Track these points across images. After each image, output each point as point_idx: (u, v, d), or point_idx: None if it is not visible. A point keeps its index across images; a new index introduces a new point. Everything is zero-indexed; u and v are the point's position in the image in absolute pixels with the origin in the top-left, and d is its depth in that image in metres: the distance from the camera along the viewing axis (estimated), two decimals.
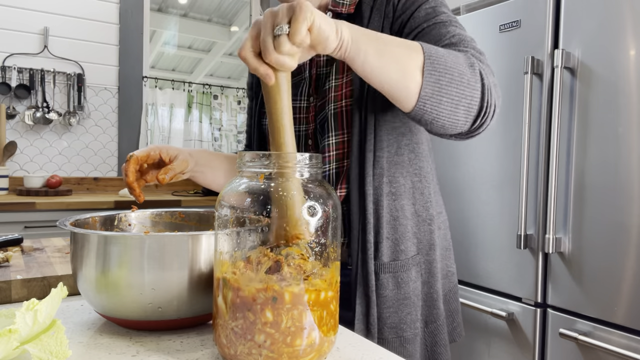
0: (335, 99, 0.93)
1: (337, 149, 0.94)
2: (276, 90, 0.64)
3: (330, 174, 0.95)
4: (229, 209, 0.59)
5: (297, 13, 0.59)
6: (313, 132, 0.98)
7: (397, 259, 0.93)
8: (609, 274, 1.50)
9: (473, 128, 0.81)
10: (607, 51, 1.53)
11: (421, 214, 0.97)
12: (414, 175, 0.96)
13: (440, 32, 0.85)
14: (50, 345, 0.54)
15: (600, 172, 1.54)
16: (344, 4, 0.96)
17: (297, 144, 0.97)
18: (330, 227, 0.60)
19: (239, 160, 0.62)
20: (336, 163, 0.95)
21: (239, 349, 0.57)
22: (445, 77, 0.73)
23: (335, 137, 0.93)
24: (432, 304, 0.98)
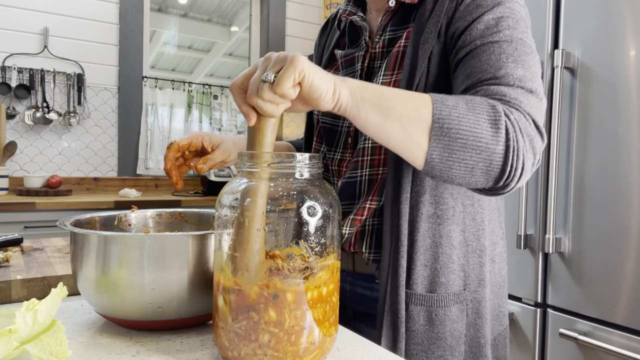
0: None
1: (372, 154, 0.85)
2: (257, 132, 0.63)
3: (362, 181, 0.86)
4: (229, 209, 0.59)
5: (287, 65, 0.58)
6: (355, 129, 0.90)
7: (434, 291, 0.81)
8: (609, 274, 1.50)
9: (498, 187, 0.72)
10: (607, 51, 1.53)
11: (471, 243, 0.83)
12: (465, 198, 0.83)
13: (489, 59, 0.74)
14: (50, 345, 0.54)
15: (600, 172, 1.54)
16: None
17: (337, 140, 0.92)
18: (330, 227, 0.60)
19: (239, 160, 0.62)
20: (370, 169, 0.85)
21: (242, 350, 0.57)
22: (457, 142, 0.67)
23: (372, 141, 0.84)
24: (479, 351, 0.84)
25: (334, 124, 0.94)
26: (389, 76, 0.84)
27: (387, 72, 0.85)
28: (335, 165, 0.93)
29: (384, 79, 0.85)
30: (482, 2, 0.77)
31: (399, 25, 0.87)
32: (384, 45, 0.88)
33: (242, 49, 4.19)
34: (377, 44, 0.90)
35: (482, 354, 0.84)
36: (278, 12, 3.74)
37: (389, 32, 0.88)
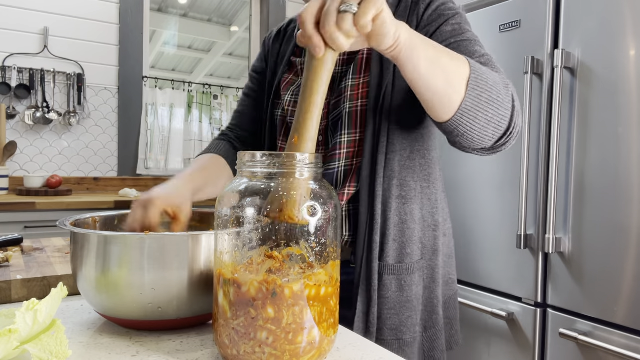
0: (351, 98, 0.93)
1: (348, 147, 0.94)
2: (320, 67, 0.63)
3: (339, 172, 0.95)
4: (229, 209, 0.59)
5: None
6: (324, 128, 0.98)
7: (402, 261, 0.93)
8: (609, 274, 1.50)
9: (496, 145, 0.83)
10: (607, 51, 1.53)
11: (427, 219, 0.97)
12: (423, 181, 0.97)
13: (469, 50, 0.86)
14: (50, 345, 0.54)
15: (600, 172, 1.54)
16: None
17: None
18: (331, 227, 0.60)
19: (239, 160, 0.62)
20: (346, 161, 0.95)
21: (242, 348, 0.57)
22: (485, 94, 0.76)
23: (347, 135, 0.94)
24: (432, 310, 0.98)
25: None
26: (357, 79, 0.93)
27: (354, 75, 0.93)
28: None
29: (352, 81, 0.93)
30: (444, 12, 0.91)
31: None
32: (344, 54, 0.96)
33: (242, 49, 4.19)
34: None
35: (435, 312, 0.98)
36: (278, 12, 3.74)
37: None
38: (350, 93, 0.93)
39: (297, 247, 0.58)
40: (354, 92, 0.93)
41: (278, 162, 0.59)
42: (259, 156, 0.59)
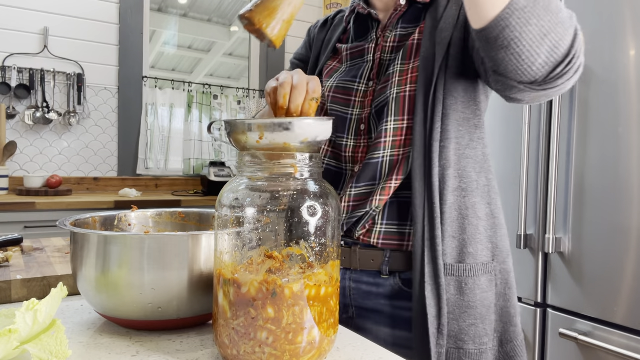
0: (399, 84, 0.88)
1: (394, 135, 0.87)
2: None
3: (384, 162, 0.88)
4: (229, 209, 0.59)
5: None
6: (367, 116, 0.93)
7: (463, 261, 0.84)
8: (609, 274, 1.50)
9: (551, 77, 0.69)
10: (607, 51, 1.53)
11: (497, 216, 0.88)
12: (489, 173, 0.89)
13: None
14: (50, 345, 0.54)
15: (600, 172, 1.54)
16: None
17: (348, 128, 0.94)
18: (330, 227, 0.60)
19: (238, 160, 0.62)
20: (391, 150, 0.88)
21: (242, 348, 0.57)
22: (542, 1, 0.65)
23: (394, 122, 0.87)
24: (509, 320, 0.87)
25: (344, 112, 0.96)
26: (407, 64, 0.89)
27: (403, 61, 0.90)
28: (349, 152, 0.94)
29: (401, 67, 0.90)
30: None
31: (409, 24, 0.94)
32: (395, 40, 0.94)
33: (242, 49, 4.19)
34: (388, 39, 0.95)
35: (513, 324, 0.87)
36: None
37: (400, 28, 0.94)
38: (399, 78, 0.89)
39: (297, 247, 0.58)
40: (402, 77, 0.89)
41: (278, 162, 0.59)
42: (259, 156, 0.59)
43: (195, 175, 3.49)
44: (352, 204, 0.90)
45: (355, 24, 1.02)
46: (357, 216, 0.90)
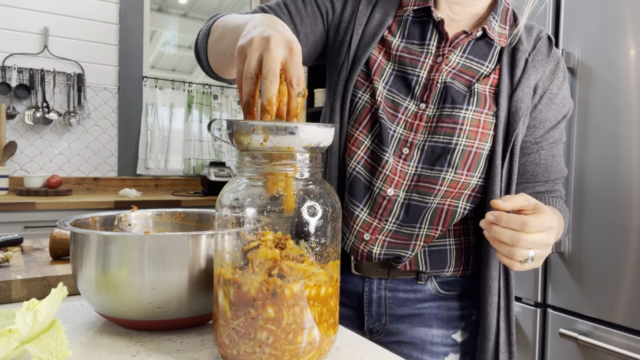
0: (469, 135, 0.83)
1: (449, 186, 0.85)
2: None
3: (433, 209, 0.86)
4: (229, 209, 0.59)
5: None
6: (416, 144, 0.86)
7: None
8: (609, 274, 1.50)
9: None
10: (607, 51, 1.53)
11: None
12: None
13: (558, 164, 0.93)
14: (50, 345, 0.54)
15: (600, 172, 1.54)
16: (494, 30, 0.88)
17: (389, 143, 0.86)
18: (330, 227, 0.60)
19: (239, 160, 0.62)
20: (441, 199, 0.86)
21: (242, 348, 0.57)
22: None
23: (453, 175, 0.84)
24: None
25: (389, 126, 0.87)
26: (479, 114, 0.85)
27: (477, 108, 0.85)
28: (387, 170, 0.86)
29: (473, 114, 0.84)
30: (564, 107, 0.91)
31: (475, 57, 0.88)
32: (456, 67, 0.87)
33: None
34: (450, 63, 0.88)
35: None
36: None
37: (465, 58, 0.88)
38: (469, 128, 0.83)
39: (297, 247, 0.58)
40: (473, 127, 0.84)
41: (279, 162, 0.59)
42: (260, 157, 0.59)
43: (195, 175, 3.49)
44: (389, 240, 0.88)
45: (415, 20, 0.91)
46: (395, 255, 0.89)
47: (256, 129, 0.57)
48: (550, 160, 0.92)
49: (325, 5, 0.93)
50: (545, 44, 0.91)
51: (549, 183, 0.93)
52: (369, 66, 0.89)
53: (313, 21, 0.92)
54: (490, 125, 0.85)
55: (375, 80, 0.88)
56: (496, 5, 0.90)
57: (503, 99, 0.85)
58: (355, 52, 0.90)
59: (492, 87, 0.86)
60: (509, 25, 0.91)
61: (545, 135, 0.90)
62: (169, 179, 3.39)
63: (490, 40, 0.88)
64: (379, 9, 0.91)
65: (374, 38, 0.89)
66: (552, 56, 0.90)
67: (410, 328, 0.92)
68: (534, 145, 0.90)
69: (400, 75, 0.88)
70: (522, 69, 0.87)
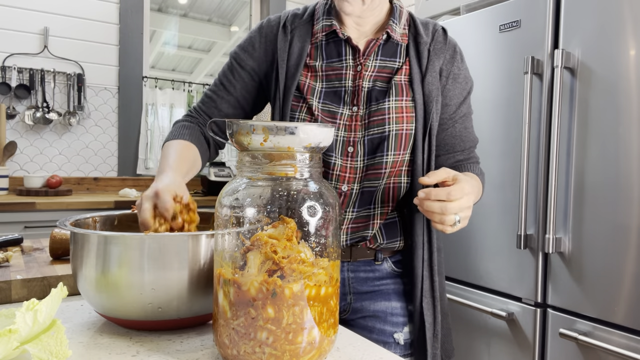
0: (397, 120, 0.98)
1: (392, 166, 0.99)
2: None
3: (383, 189, 1.01)
4: (229, 209, 0.59)
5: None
6: (357, 141, 1.00)
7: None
8: (609, 274, 1.50)
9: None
10: (607, 51, 1.53)
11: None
12: None
13: (470, 134, 1.09)
14: (50, 345, 0.54)
15: (600, 172, 1.54)
16: (396, 31, 1.03)
17: (335, 147, 1.00)
18: (330, 227, 0.60)
19: (238, 160, 0.62)
20: (387, 179, 1.00)
21: (242, 348, 0.57)
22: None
23: (393, 156, 0.99)
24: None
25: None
26: (400, 101, 0.99)
27: (397, 97, 0.99)
28: (337, 170, 1.00)
29: (395, 103, 0.99)
30: (467, 83, 1.07)
31: (386, 57, 1.02)
32: (375, 70, 1.01)
33: None
34: (369, 68, 1.01)
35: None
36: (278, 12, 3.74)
37: (379, 60, 1.02)
38: (396, 115, 0.98)
39: (297, 247, 0.58)
40: (399, 114, 0.98)
41: (279, 162, 0.59)
42: (260, 157, 0.59)
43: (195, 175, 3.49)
44: (351, 227, 1.01)
45: (328, 40, 1.03)
46: (359, 237, 1.02)
47: (256, 129, 0.57)
48: (464, 131, 1.07)
49: (247, 64, 1.08)
50: (441, 34, 1.05)
51: (465, 151, 1.09)
52: (300, 90, 1.02)
53: (243, 84, 1.08)
54: (411, 109, 0.99)
55: (309, 99, 1.01)
56: (394, 11, 1.05)
57: (416, 85, 1.00)
58: (285, 82, 1.03)
59: (406, 77, 1.01)
60: (407, 25, 1.06)
61: (457, 111, 1.05)
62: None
63: (394, 41, 1.03)
64: (296, 42, 1.05)
65: (297, 67, 1.03)
66: (448, 43, 1.05)
67: (372, 303, 1.04)
68: (449, 121, 1.05)
69: (329, 90, 1.02)
70: (426, 58, 1.02)
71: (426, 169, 1.02)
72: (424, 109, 1.00)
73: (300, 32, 1.06)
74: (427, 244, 1.03)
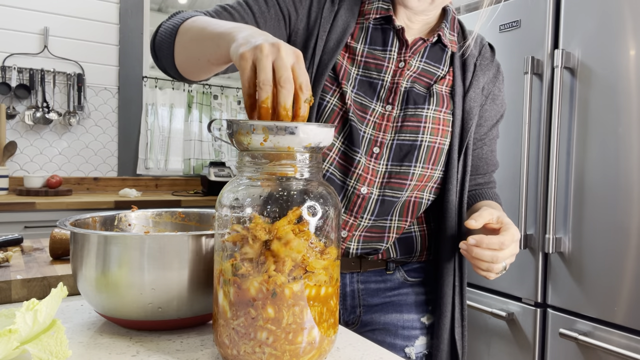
0: (432, 132, 0.91)
1: (418, 180, 0.92)
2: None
3: (404, 202, 0.93)
4: (229, 209, 0.59)
5: None
6: (385, 143, 0.92)
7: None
8: (609, 274, 1.50)
9: None
10: (607, 51, 1.53)
11: None
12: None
13: (494, 158, 1.07)
14: (50, 345, 0.54)
15: (600, 172, 1.54)
16: (447, 37, 0.95)
17: (360, 144, 0.90)
18: (331, 227, 0.60)
19: (239, 160, 0.62)
20: (410, 192, 0.93)
21: (242, 348, 0.57)
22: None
23: (421, 169, 0.91)
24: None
25: (359, 128, 0.91)
26: (438, 112, 0.93)
27: (437, 107, 0.93)
28: (359, 169, 0.91)
29: (434, 113, 0.92)
30: (501, 107, 1.03)
31: (432, 61, 0.96)
32: (417, 71, 0.94)
33: None
34: (412, 67, 0.94)
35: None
36: None
37: (424, 62, 0.95)
38: (432, 126, 0.91)
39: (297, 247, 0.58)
40: (435, 125, 0.91)
41: (278, 162, 0.58)
42: (260, 157, 0.59)
43: (195, 175, 3.49)
44: (364, 235, 0.94)
45: (377, 25, 0.94)
46: (372, 248, 0.95)
47: (256, 129, 0.57)
48: (490, 155, 1.04)
49: (288, 9, 0.92)
50: (488, 50, 1.01)
51: (487, 175, 1.06)
52: (335, 71, 0.92)
53: (276, 24, 0.91)
54: (448, 122, 0.93)
55: (343, 85, 0.91)
56: (446, 14, 0.97)
57: (458, 98, 0.94)
58: (320, 57, 0.91)
59: (448, 88, 0.95)
60: (456, 32, 0.99)
61: (488, 132, 1.01)
62: (169, 179, 3.39)
63: (443, 45, 0.96)
64: (342, 16, 0.93)
65: (338, 44, 0.91)
66: (494, 61, 1.01)
67: (383, 315, 0.98)
68: (478, 142, 1.01)
69: (365, 79, 0.93)
70: (472, 72, 0.96)
71: (459, 189, 0.95)
72: (461, 125, 0.93)
73: (348, 7, 0.94)
74: (458, 256, 0.96)
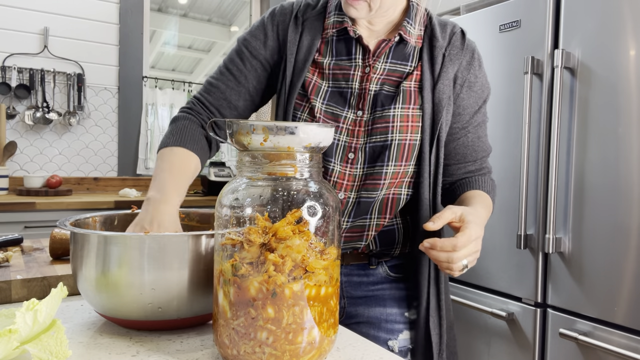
0: (400, 130, 0.92)
1: (392, 177, 0.93)
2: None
3: (380, 200, 0.95)
4: (229, 209, 0.59)
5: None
6: (359, 147, 0.94)
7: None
8: (609, 274, 1.50)
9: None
10: (607, 51, 1.53)
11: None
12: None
13: (483, 143, 1.03)
14: (50, 345, 0.54)
15: (600, 172, 1.54)
16: (410, 33, 0.96)
17: (335, 153, 0.94)
18: (330, 227, 0.60)
19: (238, 160, 0.62)
20: (386, 190, 0.94)
21: (242, 348, 0.57)
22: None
23: (394, 167, 0.93)
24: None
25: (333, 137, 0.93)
26: (406, 109, 0.93)
27: (403, 105, 0.93)
28: (335, 177, 0.94)
29: (402, 111, 0.93)
30: (483, 92, 1.00)
31: (398, 60, 0.96)
32: (383, 73, 0.95)
33: None
34: (377, 70, 0.95)
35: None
36: None
37: (390, 63, 0.96)
38: (400, 124, 0.92)
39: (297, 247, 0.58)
40: (404, 123, 0.92)
41: (278, 162, 0.59)
42: (260, 157, 0.59)
43: None
44: (344, 236, 0.96)
45: (339, 37, 0.97)
46: (351, 247, 0.98)
47: (256, 129, 0.57)
48: (477, 141, 1.02)
49: (259, 53, 1.00)
50: (459, 38, 0.98)
51: (477, 162, 1.03)
52: (305, 88, 0.96)
53: (254, 74, 1.00)
54: (417, 117, 0.93)
55: (312, 99, 0.95)
56: (409, 10, 0.97)
57: (427, 92, 0.94)
58: (290, 79, 0.97)
59: (417, 82, 0.95)
60: (424, 26, 0.98)
61: (470, 120, 1.00)
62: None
63: (407, 43, 0.96)
64: (306, 36, 0.98)
65: (305, 63, 0.96)
66: (466, 48, 0.98)
67: (367, 309, 1.00)
68: (461, 131, 0.99)
69: (335, 90, 0.96)
70: (440, 63, 0.95)
71: (433, 182, 0.96)
72: (432, 118, 0.94)
73: (312, 25, 0.98)
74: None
